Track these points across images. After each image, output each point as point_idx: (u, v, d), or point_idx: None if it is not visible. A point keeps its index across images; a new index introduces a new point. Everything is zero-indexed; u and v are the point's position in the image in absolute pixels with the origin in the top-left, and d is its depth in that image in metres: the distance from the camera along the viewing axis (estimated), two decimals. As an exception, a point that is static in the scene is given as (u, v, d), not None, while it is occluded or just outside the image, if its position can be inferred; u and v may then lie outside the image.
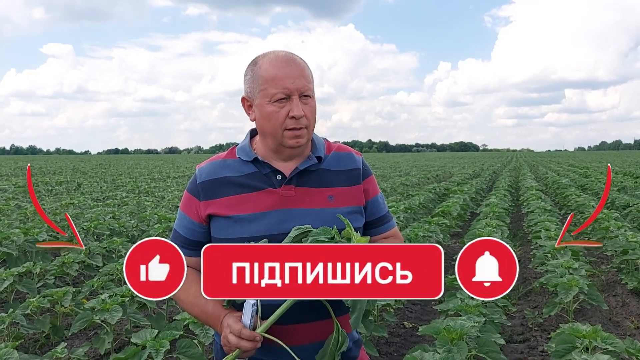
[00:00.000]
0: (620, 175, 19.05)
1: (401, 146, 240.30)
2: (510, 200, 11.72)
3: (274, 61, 1.40)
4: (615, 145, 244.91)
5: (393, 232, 1.60)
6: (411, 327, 4.50)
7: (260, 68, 1.42)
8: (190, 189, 1.50)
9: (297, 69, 1.40)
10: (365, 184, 1.53)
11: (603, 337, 2.93)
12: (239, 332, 1.27)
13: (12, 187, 15.57)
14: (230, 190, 1.45)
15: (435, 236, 6.43)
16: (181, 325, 3.38)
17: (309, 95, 1.41)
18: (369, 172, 1.57)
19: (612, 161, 39.56)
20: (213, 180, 1.47)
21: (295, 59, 1.43)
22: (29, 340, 4.16)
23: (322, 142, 1.55)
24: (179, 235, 1.51)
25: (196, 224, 1.48)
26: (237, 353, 1.28)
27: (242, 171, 1.47)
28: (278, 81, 1.38)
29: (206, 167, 1.50)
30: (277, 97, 1.38)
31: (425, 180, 19.69)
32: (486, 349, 2.90)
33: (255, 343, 1.28)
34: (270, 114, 1.40)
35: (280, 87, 1.38)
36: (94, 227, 7.29)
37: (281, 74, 1.38)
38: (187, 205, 1.50)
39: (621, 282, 5.51)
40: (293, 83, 1.38)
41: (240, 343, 1.26)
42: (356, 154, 1.57)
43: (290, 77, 1.38)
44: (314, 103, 1.44)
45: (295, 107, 1.38)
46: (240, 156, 1.49)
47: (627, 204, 9.75)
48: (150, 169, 32.68)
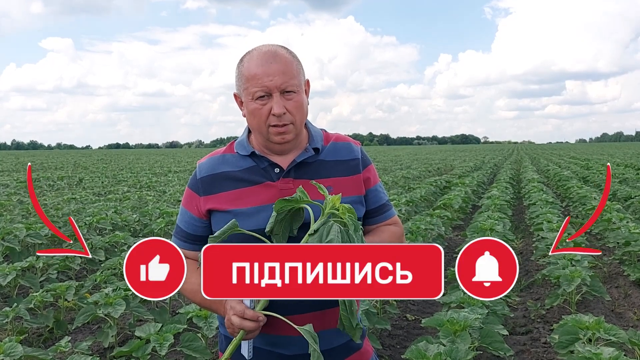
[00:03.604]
0: (621, 167, 19.03)
1: (402, 139, 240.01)
2: (512, 192, 11.71)
3: (256, 59, 1.41)
4: (617, 137, 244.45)
5: (393, 220, 1.61)
6: (414, 320, 4.50)
7: (243, 66, 1.43)
8: (191, 184, 1.52)
9: (278, 66, 1.40)
10: (365, 172, 1.53)
11: (606, 328, 2.93)
12: (242, 313, 1.27)
13: (14, 183, 15.59)
14: (229, 185, 1.46)
15: (437, 229, 6.43)
16: (185, 319, 3.39)
17: (292, 91, 1.41)
18: (368, 161, 1.57)
19: (614, 153, 39.52)
20: (212, 175, 1.48)
21: (279, 54, 1.42)
22: (32, 335, 4.17)
23: (320, 133, 1.55)
24: (181, 230, 1.54)
25: (197, 219, 1.50)
26: (242, 334, 1.28)
27: (241, 166, 1.48)
28: (257, 79, 1.39)
29: (206, 163, 1.52)
30: (258, 94, 1.40)
31: (427, 173, 19.68)
32: (489, 339, 2.91)
33: (258, 323, 1.28)
34: (254, 111, 1.41)
35: (260, 85, 1.39)
36: (96, 222, 7.30)
37: (260, 72, 1.39)
38: (188, 201, 1.52)
39: (623, 274, 5.51)
40: (272, 81, 1.38)
41: (244, 323, 1.26)
42: (355, 144, 1.57)
43: (269, 74, 1.38)
44: (300, 97, 1.43)
45: (275, 104, 1.39)
46: (238, 151, 1.50)
47: (629, 195, 9.74)
48: (152, 164, 32.70)
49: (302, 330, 1.24)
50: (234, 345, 1.29)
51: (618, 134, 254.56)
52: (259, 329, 1.30)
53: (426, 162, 29.03)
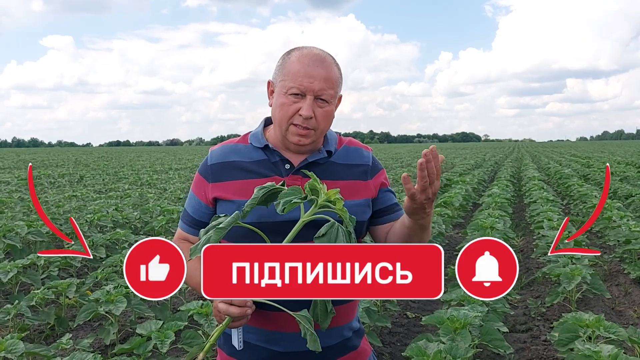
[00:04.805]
0: (622, 165, 19.00)
1: (403, 137, 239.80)
2: (513, 190, 11.71)
3: (303, 57, 1.42)
4: (618, 135, 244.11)
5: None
6: (414, 317, 4.51)
7: (289, 59, 1.44)
8: (201, 170, 1.53)
9: (322, 72, 1.41)
10: (376, 178, 1.56)
11: (606, 326, 2.94)
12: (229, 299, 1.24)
13: (15, 180, 15.60)
14: (237, 174, 1.47)
15: (438, 227, 6.44)
16: (186, 316, 3.40)
17: (325, 100, 1.42)
18: (379, 166, 1.59)
19: (615, 151, 39.46)
20: (222, 163, 1.49)
21: (327, 62, 1.43)
22: (34, 332, 4.19)
23: (335, 137, 1.57)
24: (187, 214, 1.56)
25: (203, 205, 1.51)
26: (228, 321, 1.25)
27: (252, 157, 1.49)
28: (298, 77, 1.40)
29: (218, 150, 1.53)
30: (292, 91, 1.40)
31: (427, 171, 19.59)
32: (489, 337, 2.92)
33: (245, 309, 1.25)
34: (282, 105, 1.42)
35: (297, 83, 1.39)
36: (97, 219, 7.32)
37: (303, 71, 1.40)
38: (197, 185, 1.53)
39: (624, 272, 5.52)
40: (311, 83, 1.39)
41: (229, 309, 1.24)
42: (366, 149, 1.59)
43: (311, 76, 1.39)
44: (331, 108, 1.44)
45: (306, 106, 1.39)
46: (252, 142, 1.51)
47: (630, 193, 9.74)
48: (152, 161, 32.70)
49: (298, 315, 1.24)
50: (218, 331, 1.26)
51: (619, 132, 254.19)
52: (246, 316, 1.27)
53: (427, 160, 28.92)
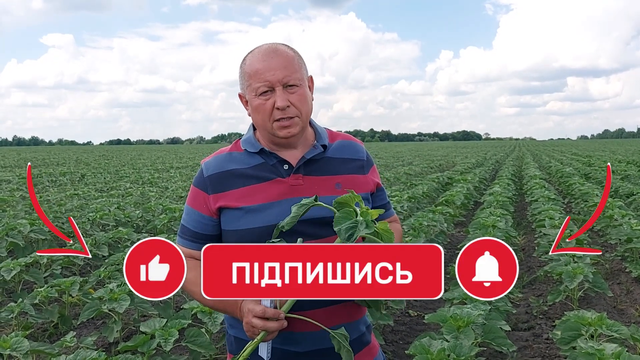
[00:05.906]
0: (623, 163, 18.99)
1: (403, 135, 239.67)
2: (514, 189, 11.71)
3: (256, 56, 1.44)
4: (618, 134, 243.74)
5: (395, 217, 1.67)
6: (416, 316, 4.52)
7: (246, 64, 1.46)
8: (198, 183, 1.51)
9: (279, 60, 1.42)
10: (371, 173, 1.58)
11: (608, 324, 2.94)
12: (262, 313, 1.25)
13: (16, 179, 15.61)
14: (238, 182, 1.46)
15: (440, 225, 6.44)
16: (189, 314, 3.40)
17: (295, 85, 1.43)
18: (372, 161, 1.61)
19: (615, 149, 39.42)
20: (220, 173, 1.48)
21: (279, 50, 1.45)
22: (37, 330, 4.20)
23: (325, 131, 1.58)
24: (188, 230, 1.52)
25: (206, 217, 1.49)
26: (263, 336, 1.26)
27: (249, 163, 1.48)
28: (259, 75, 1.41)
29: (212, 161, 1.52)
30: (261, 90, 1.42)
31: (429, 170, 19.66)
32: (492, 335, 2.92)
33: (281, 322, 1.26)
34: (258, 107, 1.43)
35: (262, 80, 1.41)
36: (99, 218, 7.33)
37: (262, 68, 1.42)
38: (195, 199, 1.51)
39: (625, 270, 5.52)
40: (274, 75, 1.41)
41: (267, 324, 1.25)
42: (359, 144, 1.61)
43: (270, 69, 1.41)
44: (304, 91, 1.45)
45: (279, 97, 1.41)
46: (246, 148, 1.51)
47: (631, 192, 9.73)
48: (153, 160, 32.71)
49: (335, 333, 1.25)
50: (253, 346, 1.26)
51: (620, 130, 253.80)
52: (280, 328, 1.28)
53: (428, 158, 29.00)
